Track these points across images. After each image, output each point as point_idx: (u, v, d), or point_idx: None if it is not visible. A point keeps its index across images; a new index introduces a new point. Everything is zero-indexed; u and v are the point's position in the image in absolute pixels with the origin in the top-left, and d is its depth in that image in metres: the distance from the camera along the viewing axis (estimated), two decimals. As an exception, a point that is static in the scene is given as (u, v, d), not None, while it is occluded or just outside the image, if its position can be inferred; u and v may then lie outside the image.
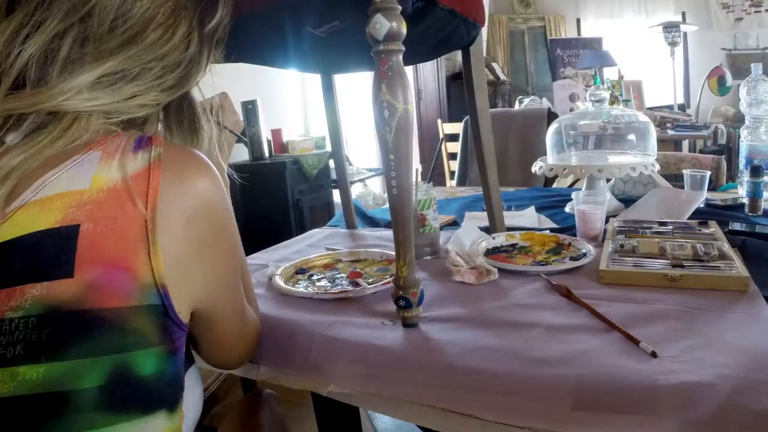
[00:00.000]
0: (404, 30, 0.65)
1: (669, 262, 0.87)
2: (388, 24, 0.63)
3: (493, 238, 1.11)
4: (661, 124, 4.11)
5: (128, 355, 0.44)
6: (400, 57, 0.66)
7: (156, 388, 0.46)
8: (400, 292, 0.73)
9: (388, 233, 1.29)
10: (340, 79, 1.39)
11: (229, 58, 0.98)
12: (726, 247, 0.92)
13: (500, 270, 0.94)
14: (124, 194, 0.45)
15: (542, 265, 0.96)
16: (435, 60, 4.93)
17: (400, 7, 0.65)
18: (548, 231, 1.19)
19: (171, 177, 0.47)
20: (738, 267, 0.83)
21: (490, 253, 1.06)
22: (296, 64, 1.17)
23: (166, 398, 0.47)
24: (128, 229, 0.44)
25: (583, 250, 1.01)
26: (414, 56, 1.28)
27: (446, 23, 0.85)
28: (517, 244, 1.10)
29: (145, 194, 0.45)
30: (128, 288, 0.43)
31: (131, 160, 0.47)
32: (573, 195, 1.20)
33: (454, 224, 1.40)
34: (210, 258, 0.51)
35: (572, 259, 0.98)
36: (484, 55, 5.89)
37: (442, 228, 1.24)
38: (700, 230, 1.05)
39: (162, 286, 0.45)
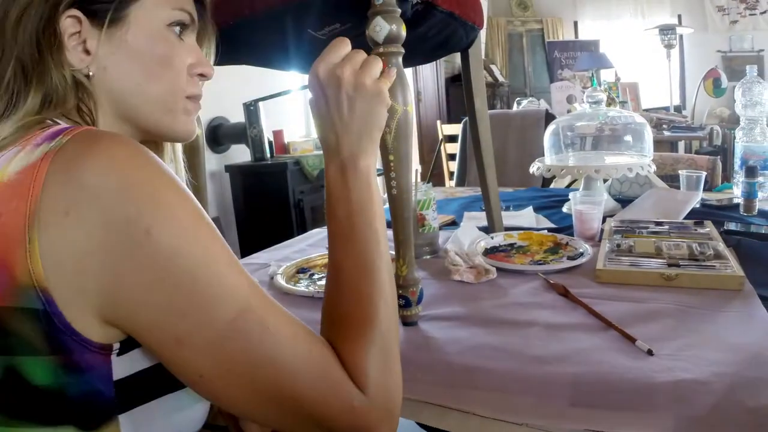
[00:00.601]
0: (404, 33, 0.65)
1: (665, 261, 0.88)
2: (388, 27, 0.64)
3: (492, 237, 1.11)
4: (657, 126, 4.11)
5: (15, 359, 0.40)
6: (400, 59, 0.66)
7: (57, 402, 0.41)
8: (400, 291, 0.73)
9: (389, 234, 1.29)
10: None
11: (231, 60, 0.98)
12: (721, 246, 0.92)
13: (498, 269, 0.94)
14: (10, 190, 0.40)
15: (540, 264, 0.96)
16: (434, 62, 4.94)
17: (399, 10, 0.65)
18: (546, 231, 1.19)
19: (58, 167, 0.40)
20: (733, 266, 0.83)
21: (489, 252, 1.06)
22: (299, 66, 1.17)
23: (76, 415, 0.42)
24: (10, 226, 0.39)
25: (581, 250, 1.01)
26: (414, 58, 1.27)
27: (445, 26, 0.85)
28: (515, 243, 1.10)
29: (28, 187, 0.39)
30: (6, 287, 0.39)
31: (29, 154, 0.42)
32: (570, 195, 1.20)
33: (453, 224, 1.39)
34: (110, 259, 0.39)
35: (570, 258, 0.98)
36: (483, 57, 5.90)
37: (441, 228, 1.24)
38: (695, 230, 1.05)
39: (42, 289, 0.39)
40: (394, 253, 0.73)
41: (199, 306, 0.41)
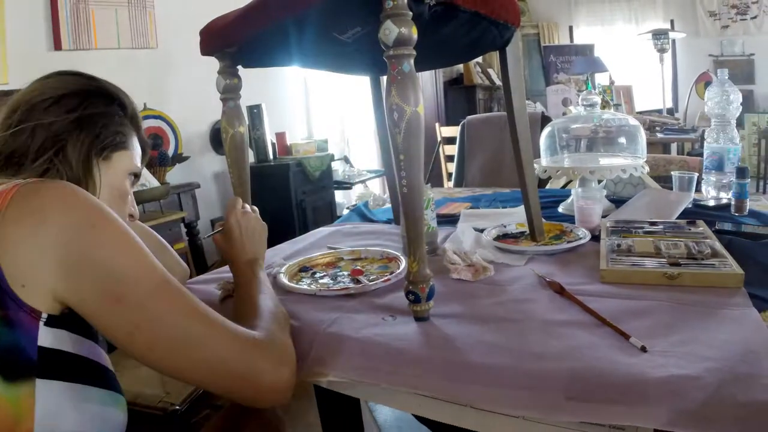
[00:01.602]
0: (414, 35, 0.65)
1: (666, 260, 0.87)
2: (397, 30, 0.63)
3: (505, 226, 1.18)
4: (650, 128, 4.12)
5: None
6: (411, 61, 0.66)
7: None
8: (410, 287, 0.73)
9: (388, 233, 1.29)
10: (341, 82, 1.39)
11: (267, 63, 1.00)
12: (717, 245, 0.93)
13: (505, 252, 1.02)
14: None
15: (543, 246, 1.05)
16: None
17: (410, 13, 0.65)
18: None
19: (25, 190, 0.55)
20: (732, 264, 0.83)
21: (501, 238, 1.13)
22: (330, 65, 1.15)
23: (0, 363, 0.51)
24: None
25: (581, 236, 1.07)
26: (446, 59, 1.27)
27: (473, 25, 0.82)
28: (525, 231, 1.14)
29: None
30: None
31: (5, 187, 0.55)
32: (573, 191, 1.21)
33: (452, 221, 1.39)
34: (65, 248, 0.53)
35: (569, 242, 1.05)
36: (480, 61, 5.90)
37: (445, 220, 1.29)
38: (689, 230, 1.05)
39: None
40: (403, 250, 0.73)
41: (131, 274, 0.56)
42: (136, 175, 0.76)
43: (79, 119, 0.66)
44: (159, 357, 0.57)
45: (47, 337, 0.53)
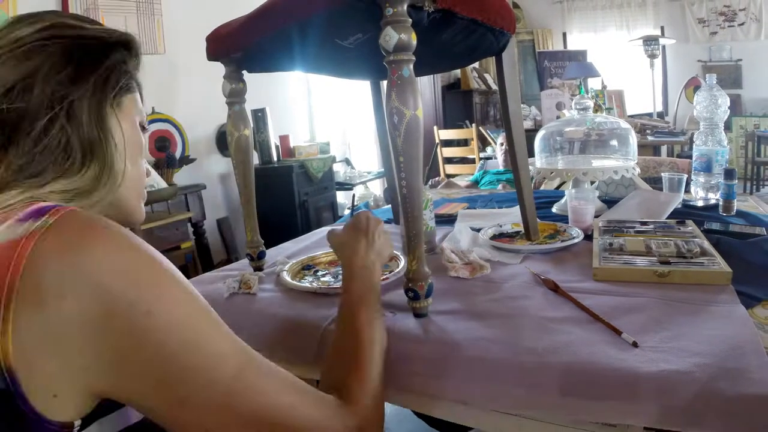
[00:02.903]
0: (414, 42, 0.65)
1: (656, 259, 0.87)
2: (397, 36, 0.63)
3: (501, 225, 1.18)
4: (641, 131, 4.12)
5: None
6: (411, 66, 0.66)
7: None
8: (410, 285, 0.73)
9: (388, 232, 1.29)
10: (342, 87, 1.39)
11: (270, 68, 1.00)
12: (706, 244, 0.92)
13: (500, 250, 1.01)
14: None
15: (537, 245, 1.04)
16: (431, 71, 4.92)
17: (410, 20, 0.65)
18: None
19: (48, 250, 0.38)
20: (720, 262, 0.83)
21: (497, 237, 1.13)
22: (332, 70, 1.14)
23: None
24: None
25: (574, 235, 1.07)
26: (444, 64, 1.26)
27: (471, 32, 0.82)
28: (520, 231, 1.14)
29: (8, 266, 0.37)
30: None
31: (12, 228, 0.39)
32: (567, 193, 1.21)
33: (450, 221, 1.39)
34: (111, 337, 0.39)
35: (563, 241, 1.04)
36: (477, 66, 5.89)
37: (443, 220, 1.28)
38: (679, 229, 1.05)
39: (8, 369, 0.37)
40: (403, 249, 0.73)
41: (198, 369, 0.42)
42: (143, 127, 0.59)
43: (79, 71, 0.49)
44: None
45: None
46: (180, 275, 0.45)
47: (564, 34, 6.24)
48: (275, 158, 2.98)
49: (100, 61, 0.50)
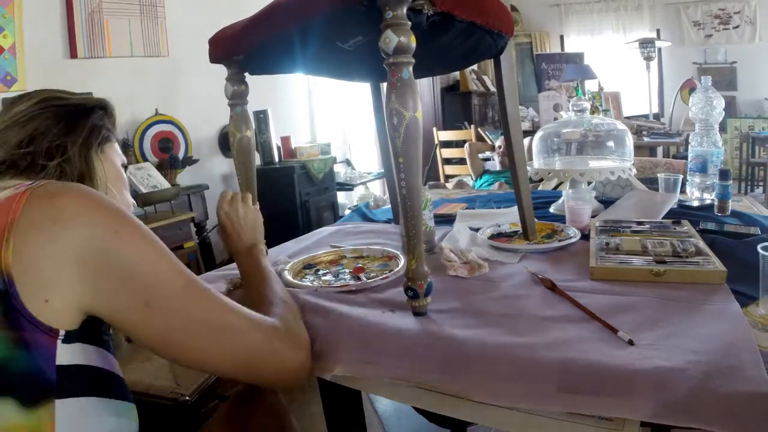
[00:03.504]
0: (413, 44, 0.65)
1: (652, 258, 0.87)
2: (397, 39, 0.64)
3: (499, 225, 1.18)
4: (637, 132, 4.12)
5: None
6: (410, 68, 0.66)
7: (1, 375, 0.46)
8: (409, 283, 0.74)
9: (388, 232, 1.29)
10: (343, 89, 1.38)
11: (272, 71, 1.00)
12: (701, 243, 0.93)
13: (499, 250, 1.01)
14: None
15: (534, 245, 1.04)
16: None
17: (409, 23, 0.65)
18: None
19: (39, 194, 0.51)
20: (715, 261, 0.83)
21: (495, 237, 1.13)
22: (334, 72, 1.14)
23: (17, 389, 0.46)
24: None
25: (571, 234, 1.07)
26: (444, 66, 1.26)
27: (469, 35, 0.82)
28: (518, 230, 1.14)
29: (10, 207, 0.49)
30: None
31: (13, 190, 0.52)
32: (564, 193, 1.21)
33: (449, 221, 1.39)
34: (90, 253, 0.50)
35: (560, 241, 1.04)
36: (476, 68, 5.89)
37: (442, 220, 1.28)
38: (674, 229, 1.05)
39: (7, 273, 0.47)
40: (401, 249, 0.73)
41: (159, 278, 0.54)
42: (125, 166, 0.75)
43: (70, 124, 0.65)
44: (192, 356, 0.57)
45: (65, 355, 0.49)
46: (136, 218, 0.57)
47: (561, 37, 6.24)
48: (277, 159, 2.98)
49: (84, 121, 0.65)
